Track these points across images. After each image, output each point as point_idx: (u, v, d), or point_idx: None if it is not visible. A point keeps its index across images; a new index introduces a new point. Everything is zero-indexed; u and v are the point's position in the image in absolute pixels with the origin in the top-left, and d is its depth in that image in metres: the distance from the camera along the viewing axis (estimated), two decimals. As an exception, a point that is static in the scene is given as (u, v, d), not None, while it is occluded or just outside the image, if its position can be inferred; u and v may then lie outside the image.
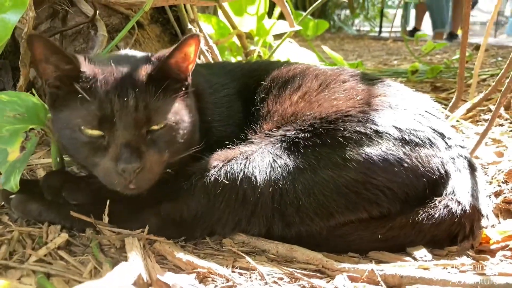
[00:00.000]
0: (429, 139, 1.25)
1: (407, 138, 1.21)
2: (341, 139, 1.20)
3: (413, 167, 1.19)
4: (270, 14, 3.07)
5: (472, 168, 1.31)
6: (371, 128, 1.22)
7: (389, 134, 1.21)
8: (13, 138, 1.21)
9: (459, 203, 1.19)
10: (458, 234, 1.20)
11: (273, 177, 1.18)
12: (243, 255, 1.16)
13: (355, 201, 1.17)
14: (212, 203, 1.19)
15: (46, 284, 0.98)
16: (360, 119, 1.24)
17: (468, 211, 1.19)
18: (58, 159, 1.46)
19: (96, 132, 1.13)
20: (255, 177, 1.18)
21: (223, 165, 1.21)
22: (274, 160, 1.21)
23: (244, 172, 1.19)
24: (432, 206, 1.19)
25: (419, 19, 8.29)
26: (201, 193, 1.19)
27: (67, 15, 1.95)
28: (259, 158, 1.21)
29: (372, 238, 1.19)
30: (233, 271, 1.09)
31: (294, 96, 1.43)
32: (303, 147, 1.22)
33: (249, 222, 1.21)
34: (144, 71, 1.18)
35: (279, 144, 1.25)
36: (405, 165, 1.18)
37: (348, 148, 1.18)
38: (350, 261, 1.16)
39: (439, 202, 1.19)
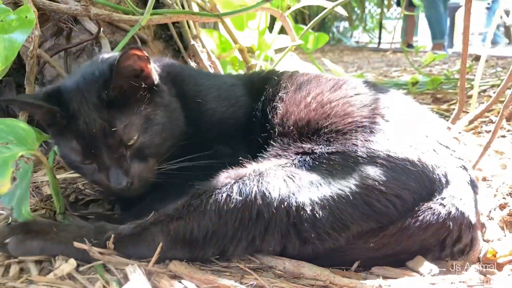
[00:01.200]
0: (434, 150, 1.26)
1: (415, 148, 1.23)
2: (351, 148, 1.21)
3: (420, 176, 1.20)
4: (270, 29, 3.09)
5: (471, 182, 1.32)
6: (381, 137, 1.23)
7: (399, 143, 1.22)
8: (2, 169, 1.11)
9: (443, 206, 1.19)
10: (446, 239, 1.20)
11: (287, 192, 1.15)
12: (250, 271, 1.15)
13: (368, 211, 1.15)
14: (224, 221, 1.15)
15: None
16: (372, 129, 1.26)
17: (453, 214, 1.18)
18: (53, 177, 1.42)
19: (86, 161, 1.30)
20: (269, 192, 1.15)
21: (235, 182, 1.18)
22: (287, 175, 1.19)
23: (257, 187, 1.16)
24: (416, 210, 1.19)
25: (409, 34, 8.36)
26: (212, 211, 1.16)
27: (71, 33, 1.98)
28: (273, 174, 1.19)
29: (364, 246, 1.18)
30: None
31: (307, 98, 1.45)
32: (316, 159, 1.22)
33: (263, 240, 1.17)
34: (103, 95, 1.26)
35: (292, 158, 1.25)
36: (414, 174, 1.19)
37: (359, 156, 1.19)
38: (357, 276, 1.16)
39: (422, 205, 1.19)
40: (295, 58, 3.06)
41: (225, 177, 1.22)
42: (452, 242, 1.21)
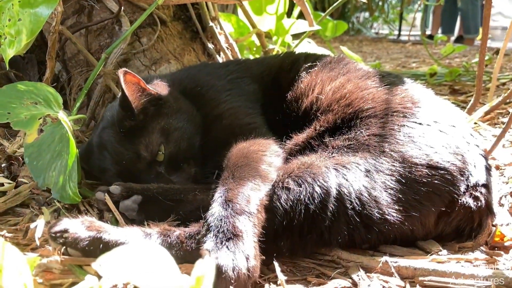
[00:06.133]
0: (463, 137, 1.28)
1: (446, 132, 1.26)
2: (390, 131, 1.23)
3: (456, 154, 1.22)
4: (289, 14, 3.09)
5: (488, 168, 1.33)
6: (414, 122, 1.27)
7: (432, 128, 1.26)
8: (31, 122, 1.32)
9: (474, 198, 1.20)
10: (465, 228, 1.22)
11: (342, 181, 1.11)
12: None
13: (423, 186, 1.14)
14: (289, 217, 1.07)
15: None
16: (405, 114, 1.29)
17: (482, 208, 1.20)
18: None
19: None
20: (325, 182, 1.10)
21: (288, 175, 1.12)
22: (337, 163, 1.16)
23: (312, 179, 1.10)
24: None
25: (435, 26, 8.23)
26: (271, 210, 1.08)
27: (92, 11, 2.01)
28: (322, 164, 1.15)
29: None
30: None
31: (340, 80, 1.48)
32: (360, 144, 1.22)
33: (331, 233, 1.10)
34: (122, 129, 1.38)
35: (341, 148, 1.24)
36: (450, 152, 1.21)
37: (398, 138, 1.21)
38: (365, 254, 1.18)
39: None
40: (313, 45, 3.07)
41: (277, 173, 1.16)
42: (470, 230, 1.23)
